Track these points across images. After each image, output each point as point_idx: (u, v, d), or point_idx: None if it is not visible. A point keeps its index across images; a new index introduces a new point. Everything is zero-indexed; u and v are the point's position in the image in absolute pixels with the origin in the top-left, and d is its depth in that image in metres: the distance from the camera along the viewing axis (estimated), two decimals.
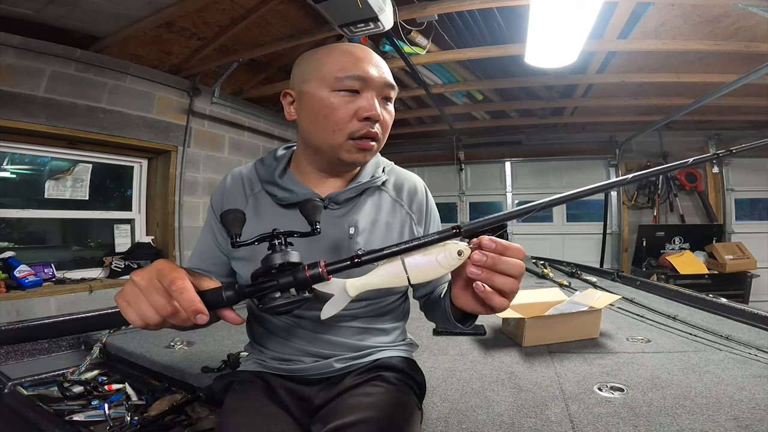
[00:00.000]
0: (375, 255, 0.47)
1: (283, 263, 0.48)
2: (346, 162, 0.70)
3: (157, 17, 2.24)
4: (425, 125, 4.86)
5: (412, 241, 0.47)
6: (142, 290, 0.44)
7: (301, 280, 0.46)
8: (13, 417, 0.96)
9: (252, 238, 0.54)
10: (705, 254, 3.90)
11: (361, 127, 0.67)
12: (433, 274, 0.48)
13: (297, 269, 0.47)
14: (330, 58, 0.69)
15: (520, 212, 0.49)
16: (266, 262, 0.48)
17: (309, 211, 0.57)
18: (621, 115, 4.21)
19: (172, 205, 3.06)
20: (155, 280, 0.45)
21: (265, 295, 0.47)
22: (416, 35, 2.57)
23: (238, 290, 0.47)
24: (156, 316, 0.44)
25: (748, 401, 0.96)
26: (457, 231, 0.47)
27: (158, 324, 0.45)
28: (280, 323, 0.76)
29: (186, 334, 1.54)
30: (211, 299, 0.47)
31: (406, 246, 0.47)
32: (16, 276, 2.24)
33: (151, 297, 0.44)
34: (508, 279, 0.48)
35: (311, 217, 0.57)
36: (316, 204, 0.58)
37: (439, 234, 0.48)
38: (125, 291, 0.45)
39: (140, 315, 0.44)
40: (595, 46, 2.55)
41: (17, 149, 2.42)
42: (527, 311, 1.47)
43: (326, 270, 0.46)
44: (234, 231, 0.54)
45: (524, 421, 0.91)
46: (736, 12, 2.13)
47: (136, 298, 0.44)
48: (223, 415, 0.69)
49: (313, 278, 0.46)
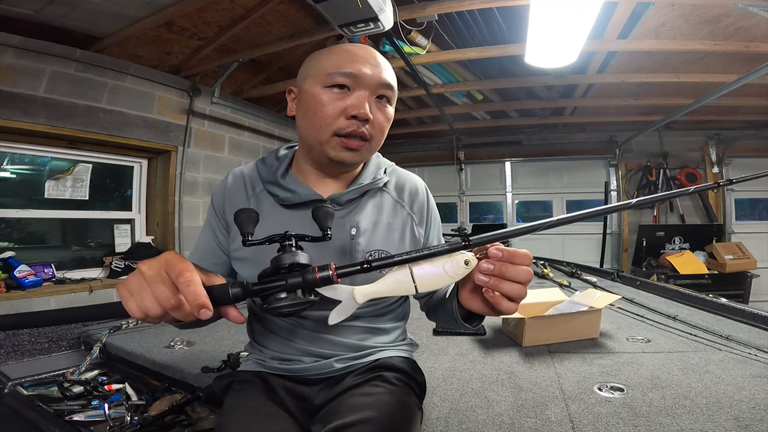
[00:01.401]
0: (385, 262, 0.47)
1: (293, 263, 0.47)
2: (333, 160, 0.70)
3: (157, 17, 2.24)
4: (425, 125, 4.86)
5: (422, 250, 0.48)
6: (148, 281, 0.43)
7: (311, 281, 0.46)
8: (13, 417, 0.96)
9: (263, 238, 0.54)
10: (705, 254, 3.89)
11: (348, 125, 0.67)
12: (439, 283, 0.49)
13: (307, 270, 0.46)
14: (328, 57, 0.69)
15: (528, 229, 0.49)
16: (276, 261, 0.48)
17: (321, 217, 0.58)
18: (621, 115, 4.21)
19: (172, 205, 3.06)
20: (163, 271, 0.44)
21: (271, 294, 0.46)
22: (416, 35, 2.57)
23: (245, 287, 0.47)
24: (158, 308, 0.43)
25: (748, 401, 0.96)
26: (466, 243, 0.48)
27: (158, 317, 0.44)
28: (280, 323, 0.76)
29: (186, 334, 1.54)
30: (217, 295, 0.46)
31: (416, 255, 0.48)
32: (16, 276, 2.24)
33: (157, 288, 0.43)
34: (515, 285, 0.49)
35: (323, 222, 0.57)
36: (328, 210, 0.58)
37: (449, 246, 0.48)
38: (129, 281, 0.44)
39: (141, 306, 0.43)
40: (595, 46, 2.55)
41: (17, 149, 2.42)
42: (527, 311, 1.47)
43: (336, 273, 0.46)
44: (247, 229, 0.54)
45: (524, 421, 0.91)
46: (736, 12, 2.13)
47: (140, 288, 0.44)
48: (223, 415, 0.69)
49: (322, 280, 0.46)
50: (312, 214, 0.58)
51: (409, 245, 0.78)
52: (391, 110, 0.73)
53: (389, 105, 0.72)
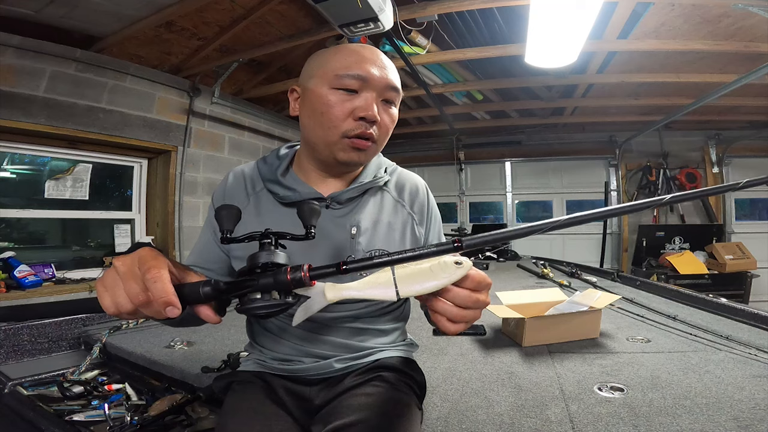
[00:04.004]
0: (363, 264, 0.43)
1: (267, 263, 0.45)
2: (341, 161, 0.70)
3: (157, 17, 2.24)
4: (425, 125, 4.86)
5: (406, 251, 0.44)
6: (121, 276, 0.43)
7: (282, 282, 0.43)
8: (13, 417, 0.96)
9: (242, 236, 0.52)
10: (705, 254, 3.89)
11: (356, 126, 0.67)
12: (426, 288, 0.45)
13: (279, 271, 0.44)
14: (335, 57, 0.69)
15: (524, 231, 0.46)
16: (251, 260, 0.46)
17: (306, 214, 0.54)
18: (621, 115, 4.21)
19: (172, 205, 3.06)
20: (135, 267, 0.43)
21: (245, 294, 0.44)
22: (416, 35, 2.57)
23: (215, 287, 0.45)
24: (129, 305, 0.42)
25: (748, 401, 0.96)
26: (457, 245, 0.43)
27: (131, 313, 0.43)
28: (280, 323, 0.76)
29: (186, 335, 1.54)
30: (188, 293, 0.44)
31: (399, 257, 0.43)
32: (16, 276, 2.24)
33: (128, 284, 0.42)
34: (471, 313, 0.47)
35: (307, 220, 0.54)
36: (314, 207, 0.55)
37: (436, 246, 0.43)
38: (105, 276, 0.44)
39: (114, 302, 0.43)
40: (595, 46, 2.55)
41: (17, 149, 2.42)
42: (527, 311, 1.47)
43: (309, 275, 0.43)
44: (226, 226, 0.52)
45: (524, 421, 0.91)
46: (736, 12, 2.13)
47: (114, 283, 0.43)
48: (223, 415, 0.69)
49: (294, 282, 0.43)
50: (297, 211, 0.55)
51: (409, 244, 0.78)
52: (396, 111, 0.73)
53: (394, 106, 0.72)
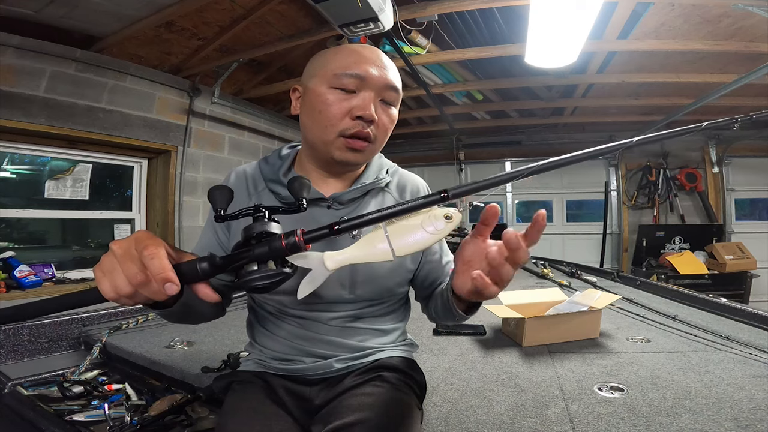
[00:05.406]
0: (355, 222, 0.45)
1: (261, 232, 0.45)
2: (338, 160, 0.70)
3: (157, 17, 2.24)
4: (425, 125, 4.86)
5: (395, 206, 0.45)
6: (119, 259, 0.43)
7: (277, 249, 0.44)
8: (13, 417, 0.96)
9: (235, 212, 0.52)
10: (705, 254, 3.89)
11: (353, 125, 0.67)
12: (420, 243, 0.45)
13: (273, 238, 0.44)
14: (336, 56, 0.69)
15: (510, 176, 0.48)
16: (246, 231, 0.46)
17: (296, 188, 0.56)
18: (621, 115, 4.21)
19: (172, 205, 3.06)
20: (132, 249, 0.43)
21: (242, 267, 0.44)
22: (416, 35, 2.57)
23: (212, 262, 0.44)
24: (128, 287, 0.42)
25: (748, 401, 0.96)
26: (444, 195, 0.44)
27: (130, 296, 0.43)
28: (280, 323, 0.76)
29: (186, 334, 1.54)
30: (185, 271, 0.44)
31: (390, 211, 0.45)
32: (16, 276, 2.24)
33: (125, 265, 0.42)
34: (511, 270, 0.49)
35: (298, 193, 0.56)
36: (304, 182, 0.57)
37: (424, 198, 0.45)
38: (102, 261, 0.44)
39: (113, 285, 0.42)
40: (595, 46, 2.55)
41: (17, 149, 2.42)
42: (527, 311, 1.47)
43: (303, 239, 0.44)
44: (219, 206, 0.53)
45: (524, 421, 0.91)
46: (736, 12, 2.13)
47: (111, 267, 0.43)
48: (223, 415, 0.69)
49: (289, 247, 0.43)
50: (287, 187, 0.57)
51: None
52: (395, 112, 0.73)
53: (393, 107, 0.72)
